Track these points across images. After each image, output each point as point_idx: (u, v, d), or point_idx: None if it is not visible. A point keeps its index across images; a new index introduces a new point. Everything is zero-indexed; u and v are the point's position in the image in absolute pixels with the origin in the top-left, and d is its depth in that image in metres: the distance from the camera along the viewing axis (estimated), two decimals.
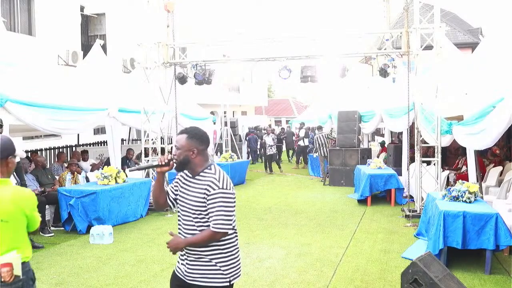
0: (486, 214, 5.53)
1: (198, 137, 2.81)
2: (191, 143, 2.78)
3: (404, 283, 4.40)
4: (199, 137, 2.81)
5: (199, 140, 2.81)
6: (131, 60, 16.12)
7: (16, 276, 2.59)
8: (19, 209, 2.68)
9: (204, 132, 2.90)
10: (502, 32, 8.67)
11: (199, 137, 2.81)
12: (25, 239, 2.74)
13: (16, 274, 2.59)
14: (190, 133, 2.81)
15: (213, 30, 21.99)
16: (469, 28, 25.18)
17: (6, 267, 2.52)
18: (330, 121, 16.22)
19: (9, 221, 2.63)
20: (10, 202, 2.64)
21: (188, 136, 2.79)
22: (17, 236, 2.68)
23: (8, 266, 2.53)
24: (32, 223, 2.81)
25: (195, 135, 2.81)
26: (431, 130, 8.44)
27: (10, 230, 2.64)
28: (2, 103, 6.58)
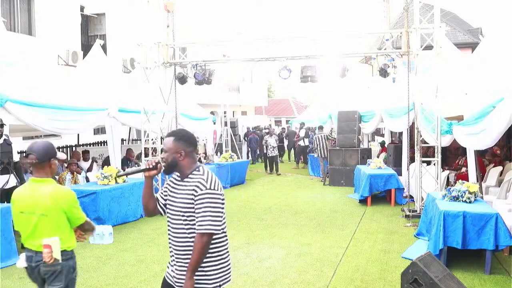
0: (486, 214, 5.54)
1: (185, 139, 2.80)
2: (178, 145, 2.77)
3: (404, 283, 4.41)
4: (186, 139, 2.81)
5: (186, 142, 2.79)
6: (131, 60, 16.13)
7: (55, 259, 2.98)
8: (57, 205, 3.04)
9: (191, 134, 2.89)
10: (502, 32, 8.68)
11: (186, 139, 2.81)
12: (66, 231, 3.11)
13: (55, 257, 2.99)
14: (177, 136, 2.81)
15: (213, 30, 21.99)
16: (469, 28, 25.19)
17: (46, 248, 2.96)
18: (330, 121, 16.22)
19: (48, 215, 3.03)
20: (49, 199, 3.03)
21: (175, 139, 2.79)
22: (57, 229, 3.05)
23: (48, 247, 2.95)
24: (72, 219, 3.13)
25: (182, 137, 2.80)
26: (431, 130, 8.44)
27: (49, 223, 3.04)
28: (2, 103, 6.58)
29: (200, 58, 10.08)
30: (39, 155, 3.06)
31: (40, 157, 3.06)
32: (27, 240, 3.13)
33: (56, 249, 2.99)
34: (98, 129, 15.26)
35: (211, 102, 19.83)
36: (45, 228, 3.05)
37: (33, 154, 3.06)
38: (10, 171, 6.57)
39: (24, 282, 5.44)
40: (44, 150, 3.08)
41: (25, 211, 3.09)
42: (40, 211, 3.04)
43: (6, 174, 6.52)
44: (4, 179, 6.49)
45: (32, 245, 3.09)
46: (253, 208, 9.93)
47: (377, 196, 10.64)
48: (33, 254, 3.08)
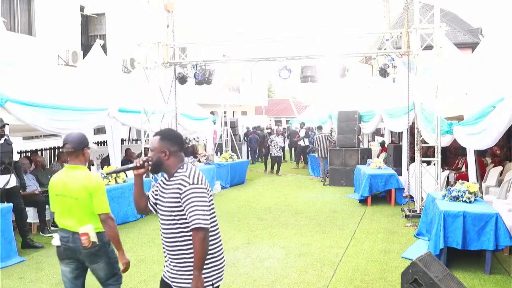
0: (486, 214, 5.53)
1: (169, 138, 2.81)
2: (163, 144, 2.78)
3: (404, 283, 4.40)
4: (170, 138, 2.81)
5: (171, 141, 2.80)
6: (131, 60, 16.12)
7: (93, 242, 3.35)
8: (86, 190, 3.35)
9: (178, 134, 2.89)
10: (502, 32, 8.68)
11: (170, 138, 2.81)
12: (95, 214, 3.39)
13: (93, 241, 3.35)
14: (163, 135, 2.81)
15: (213, 30, 21.98)
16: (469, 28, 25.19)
17: (84, 236, 3.31)
18: (330, 121, 16.21)
19: (78, 199, 3.36)
20: (80, 183, 3.36)
21: (161, 138, 2.80)
22: (88, 212, 3.37)
23: (85, 235, 3.31)
24: (96, 205, 3.36)
25: (167, 137, 2.81)
26: (431, 130, 8.44)
27: (81, 206, 3.36)
28: (2, 103, 6.58)
29: (200, 58, 10.08)
30: (74, 145, 3.41)
31: (75, 146, 3.40)
32: (61, 220, 3.46)
33: (92, 234, 3.35)
34: (98, 129, 15.24)
35: (211, 102, 19.83)
36: (78, 211, 3.37)
37: (69, 144, 3.41)
38: (10, 171, 6.57)
39: (24, 282, 5.44)
40: (78, 140, 3.43)
41: (60, 194, 3.42)
42: (72, 195, 3.37)
43: (7, 174, 6.51)
44: (5, 179, 6.50)
45: (67, 226, 3.41)
46: (253, 208, 9.93)
47: (377, 196, 10.64)
48: (70, 235, 3.39)
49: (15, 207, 6.48)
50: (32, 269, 5.89)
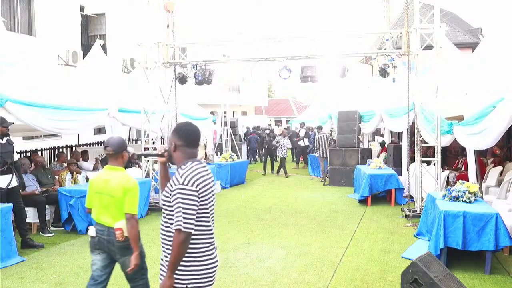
0: (486, 214, 5.53)
1: (177, 132, 2.80)
2: (172, 137, 2.82)
3: (404, 283, 4.40)
4: (178, 132, 2.80)
5: (178, 135, 2.79)
6: (131, 60, 16.12)
7: (126, 236, 3.70)
8: (122, 190, 3.67)
9: (188, 129, 2.80)
10: (502, 32, 8.67)
11: (178, 132, 2.80)
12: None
13: (126, 235, 3.71)
14: (175, 128, 2.85)
15: (213, 30, 21.99)
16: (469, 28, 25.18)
17: (118, 230, 3.67)
18: (330, 121, 16.21)
19: (114, 197, 3.68)
20: (117, 183, 3.68)
21: (173, 130, 2.84)
22: (122, 209, 3.66)
23: (120, 230, 3.68)
24: (126, 204, 3.66)
25: (176, 130, 2.82)
26: (431, 130, 8.44)
27: (116, 204, 3.68)
28: (2, 103, 6.57)
29: (200, 58, 10.07)
30: (115, 148, 3.73)
31: (115, 149, 3.73)
32: (99, 216, 3.79)
33: (125, 229, 3.70)
34: (98, 129, 15.25)
35: (211, 102, 19.83)
36: (114, 208, 3.68)
37: (110, 147, 3.74)
38: (12, 171, 6.58)
39: (24, 282, 5.45)
40: (118, 144, 3.76)
41: (99, 191, 3.75)
42: (110, 193, 3.69)
43: (9, 174, 6.53)
44: (7, 179, 6.51)
45: (103, 221, 3.75)
46: (253, 208, 9.93)
47: (377, 196, 10.64)
48: (105, 229, 3.75)
49: (14, 206, 6.48)
50: (32, 269, 5.88)
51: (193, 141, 2.80)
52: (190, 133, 2.79)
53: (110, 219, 3.72)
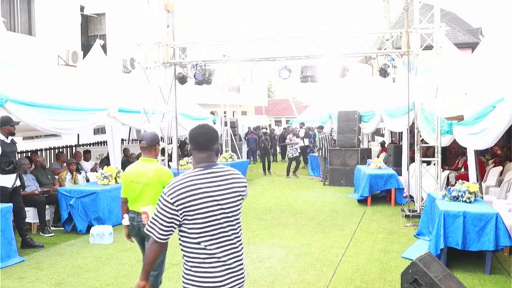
0: (486, 214, 5.53)
1: (188, 135, 2.69)
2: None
3: (404, 283, 4.40)
4: (189, 135, 2.68)
5: (189, 139, 2.67)
6: (131, 60, 16.12)
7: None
8: (157, 178, 4.06)
9: (195, 132, 2.60)
10: (502, 32, 8.68)
11: (189, 135, 2.68)
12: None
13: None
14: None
15: (213, 30, 21.98)
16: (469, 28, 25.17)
17: (144, 214, 3.90)
18: (330, 121, 16.21)
19: (149, 185, 4.06)
20: (152, 172, 4.08)
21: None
22: (154, 196, 3.86)
23: (145, 213, 3.89)
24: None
25: (189, 133, 2.70)
26: (431, 130, 8.44)
27: (150, 191, 4.03)
28: (2, 103, 6.58)
29: (200, 58, 10.07)
30: (148, 142, 4.18)
31: (149, 143, 4.17)
32: (132, 203, 4.14)
33: (151, 214, 3.66)
34: (98, 129, 15.25)
35: (211, 102, 19.83)
36: (147, 195, 4.02)
37: (144, 141, 4.21)
38: (17, 171, 6.62)
39: (24, 282, 5.45)
40: (151, 138, 4.22)
41: (134, 180, 4.13)
42: (144, 181, 4.06)
43: (13, 173, 6.56)
44: (12, 178, 6.54)
45: (136, 209, 4.08)
46: (253, 208, 9.93)
47: (377, 196, 10.64)
48: (135, 215, 4.09)
49: (15, 206, 6.49)
50: (32, 269, 5.89)
51: (200, 145, 2.55)
52: (196, 135, 2.57)
53: (140, 205, 4.02)
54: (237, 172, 2.65)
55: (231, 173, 2.60)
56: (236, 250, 2.55)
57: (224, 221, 2.50)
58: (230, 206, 2.53)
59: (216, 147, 2.63)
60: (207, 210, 2.43)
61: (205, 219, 2.43)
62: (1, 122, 6.44)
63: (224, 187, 2.51)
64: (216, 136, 2.65)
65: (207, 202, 2.44)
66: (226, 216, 2.50)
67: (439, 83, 8.17)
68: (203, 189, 2.44)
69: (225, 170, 2.58)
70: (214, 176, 2.51)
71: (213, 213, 2.45)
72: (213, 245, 2.46)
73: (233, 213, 2.56)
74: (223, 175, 2.55)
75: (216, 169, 2.55)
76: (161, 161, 9.80)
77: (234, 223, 2.57)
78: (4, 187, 6.41)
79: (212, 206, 2.45)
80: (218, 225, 2.47)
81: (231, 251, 2.52)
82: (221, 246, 2.48)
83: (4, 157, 6.37)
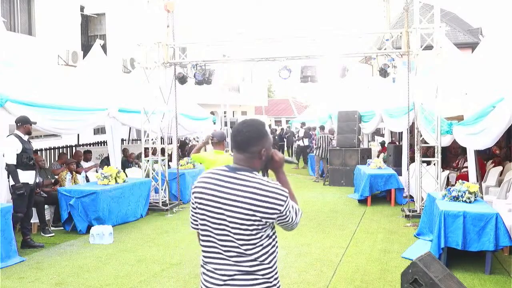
0: (486, 214, 5.53)
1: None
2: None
3: (404, 283, 4.40)
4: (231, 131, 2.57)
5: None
6: (131, 60, 16.12)
7: None
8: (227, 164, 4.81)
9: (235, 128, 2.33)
10: (502, 32, 8.68)
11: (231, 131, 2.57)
12: None
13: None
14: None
15: (213, 30, 21.99)
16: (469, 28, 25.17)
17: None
18: (330, 121, 16.20)
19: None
20: (223, 161, 4.79)
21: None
22: None
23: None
24: None
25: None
26: (431, 130, 8.44)
27: None
28: (2, 103, 6.58)
29: (200, 58, 10.06)
30: (218, 138, 5.37)
31: (218, 139, 5.36)
32: None
33: None
34: (98, 129, 15.25)
35: (211, 102, 19.84)
36: None
37: (215, 138, 5.37)
38: (35, 167, 6.86)
39: (24, 282, 5.45)
40: (220, 135, 5.42)
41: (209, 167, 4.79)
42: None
43: (32, 170, 6.76)
44: (32, 175, 6.76)
45: None
46: None
47: (377, 196, 10.64)
48: None
49: (29, 203, 6.78)
50: (32, 269, 5.88)
51: (236, 144, 2.29)
52: (235, 133, 2.30)
53: None
54: (272, 190, 2.16)
55: (258, 186, 2.15)
56: (226, 263, 2.23)
57: (222, 233, 2.20)
58: (235, 220, 2.16)
59: (255, 149, 2.23)
60: (207, 210, 2.24)
61: (202, 220, 2.27)
62: (21, 120, 6.60)
63: (236, 197, 2.15)
64: (258, 136, 2.24)
65: (200, 199, 2.26)
66: (226, 229, 2.19)
67: (439, 83, 8.16)
68: (203, 186, 2.26)
69: (252, 181, 2.17)
70: (233, 182, 2.19)
71: (211, 215, 2.22)
72: (205, 252, 2.30)
73: (239, 230, 2.16)
74: (245, 185, 2.16)
75: (242, 175, 2.19)
76: (161, 161, 9.81)
77: (239, 243, 2.19)
78: (27, 184, 6.60)
79: (214, 209, 2.21)
80: (211, 232, 2.24)
81: (219, 263, 2.25)
82: (209, 255, 2.28)
83: (25, 153, 6.56)
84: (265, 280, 2.33)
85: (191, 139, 18.17)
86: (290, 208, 2.26)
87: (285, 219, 2.27)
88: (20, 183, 6.46)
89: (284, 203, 2.19)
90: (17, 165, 6.49)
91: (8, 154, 6.46)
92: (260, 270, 2.29)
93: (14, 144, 6.48)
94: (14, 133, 6.57)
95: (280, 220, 2.27)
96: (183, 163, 11.08)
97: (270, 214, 2.17)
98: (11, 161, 6.44)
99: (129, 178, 9.05)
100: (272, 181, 2.25)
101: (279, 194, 2.17)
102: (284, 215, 2.23)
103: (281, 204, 2.18)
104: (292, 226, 2.36)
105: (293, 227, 2.37)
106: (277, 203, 2.17)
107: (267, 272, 2.33)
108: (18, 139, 6.52)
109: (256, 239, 2.22)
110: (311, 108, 24.54)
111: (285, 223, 2.31)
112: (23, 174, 6.56)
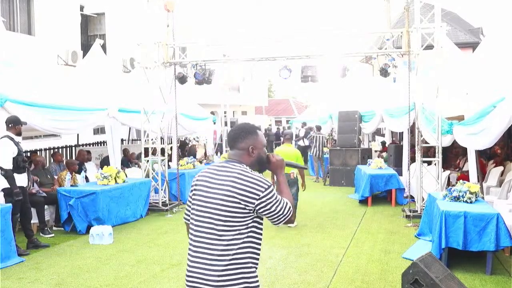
0: (487, 214, 5.51)
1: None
2: None
3: (404, 284, 4.38)
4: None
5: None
6: (131, 60, 16.09)
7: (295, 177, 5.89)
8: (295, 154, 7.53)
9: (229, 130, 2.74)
10: (502, 32, 8.66)
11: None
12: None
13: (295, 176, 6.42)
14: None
15: (213, 30, 21.98)
16: (470, 27, 25.14)
17: (291, 173, 7.50)
18: (330, 121, 16.18)
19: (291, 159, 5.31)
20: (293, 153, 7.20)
21: None
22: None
23: (292, 173, 7.50)
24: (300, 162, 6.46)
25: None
26: (432, 130, 8.42)
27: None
28: (2, 103, 6.57)
29: (200, 58, 10.04)
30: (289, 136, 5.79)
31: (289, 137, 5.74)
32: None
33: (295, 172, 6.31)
34: (98, 129, 15.23)
35: (211, 102, 19.82)
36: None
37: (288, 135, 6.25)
38: (27, 170, 6.63)
39: (23, 282, 5.43)
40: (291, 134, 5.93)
41: (285, 157, 5.28)
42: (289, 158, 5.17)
43: (25, 172, 6.54)
44: (25, 177, 6.55)
45: (287, 171, 5.64)
46: None
47: (378, 196, 10.62)
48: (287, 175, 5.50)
49: (24, 206, 6.54)
50: (31, 270, 5.87)
51: (227, 142, 2.72)
52: (228, 134, 2.66)
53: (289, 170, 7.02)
54: (253, 177, 2.41)
55: (242, 173, 2.42)
56: (210, 252, 2.39)
57: (206, 215, 2.44)
58: (216, 201, 2.40)
59: (243, 145, 2.52)
60: (198, 195, 2.51)
61: (193, 205, 2.53)
62: (12, 121, 6.36)
63: (221, 181, 2.43)
64: (245, 134, 2.54)
65: (202, 190, 2.50)
66: (209, 211, 2.42)
67: (439, 83, 8.15)
68: (206, 177, 2.52)
69: (237, 169, 2.44)
70: (221, 170, 2.48)
71: (200, 198, 2.49)
72: (192, 235, 2.50)
73: (219, 211, 2.38)
74: (231, 171, 2.43)
75: (231, 165, 2.47)
76: (161, 161, 9.79)
77: (218, 223, 2.38)
78: (22, 187, 6.43)
79: (203, 192, 2.48)
80: (199, 216, 2.48)
81: (204, 249, 2.41)
82: (196, 238, 2.46)
83: (20, 156, 6.35)
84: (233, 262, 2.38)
85: (191, 139, 18.14)
86: (273, 199, 2.40)
87: (267, 208, 2.39)
88: (17, 189, 6.23)
89: (264, 190, 2.37)
90: (13, 169, 6.23)
91: (4, 158, 6.14)
92: (230, 255, 2.37)
93: (9, 147, 6.20)
94: (7, 135, 6.25)
95: (262, 208, 2.39)
96: (183, 163, 11.06)
97: (248, 198, 2.36)
98: (8, 166, 6.17)
99: (129, 178, 9.03)
100: (258, 174, 2.48)
101: (260, 181, 2.39)
102: (264, 202, 2.38)
103: (260, 190, 2.37)
104: (279, 218, 2.45)
105: (281, 220, 2.46)
106: (256, 188, 2.37)
107: (238, 257, 2.38)
108: (12, 141, 6.24)
109: (233, 222, 2.37)
110: (311, 108, 24.48)
111: (268, 213, 2.42)
112: (18, 177, 6.34)
